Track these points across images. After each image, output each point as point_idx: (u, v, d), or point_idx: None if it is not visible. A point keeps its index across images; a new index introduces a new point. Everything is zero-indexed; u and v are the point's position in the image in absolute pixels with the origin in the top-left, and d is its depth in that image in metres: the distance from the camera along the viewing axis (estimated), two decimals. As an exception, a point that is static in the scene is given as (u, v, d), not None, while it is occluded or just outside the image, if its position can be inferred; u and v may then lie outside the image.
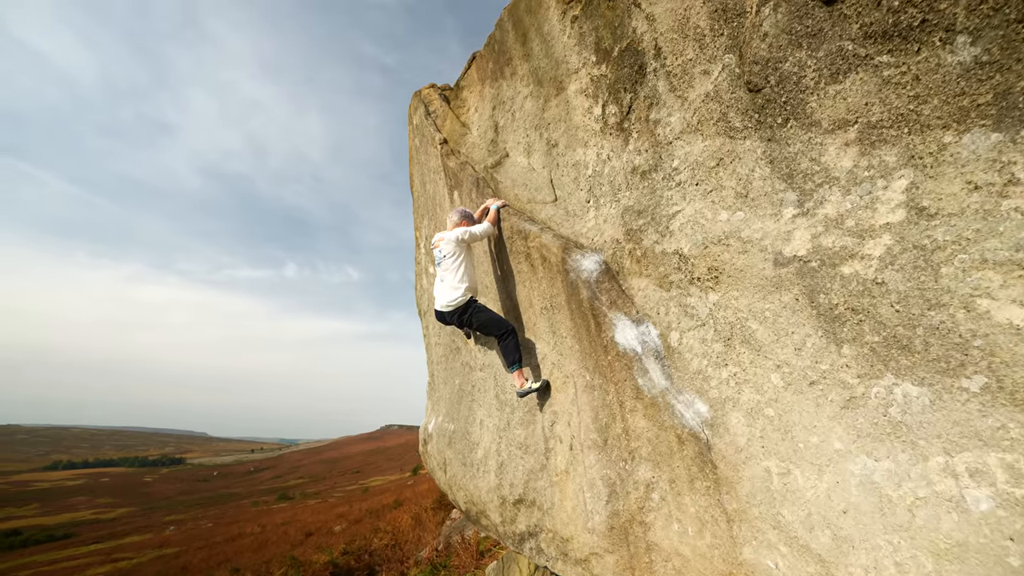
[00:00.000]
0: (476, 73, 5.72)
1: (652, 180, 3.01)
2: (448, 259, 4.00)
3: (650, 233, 2.90)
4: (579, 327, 3.35)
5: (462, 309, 3.92)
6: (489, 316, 3.95)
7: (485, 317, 3.93)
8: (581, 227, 3.63)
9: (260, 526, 23.63)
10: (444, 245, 4.07)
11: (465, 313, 3.92)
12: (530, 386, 3.74)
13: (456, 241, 4.00)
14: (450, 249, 4.00)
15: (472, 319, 3.92)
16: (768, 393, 2.16)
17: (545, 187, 4.22)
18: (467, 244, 4.05)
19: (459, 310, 3.92)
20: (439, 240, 4.19)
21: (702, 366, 2.49)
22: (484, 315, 3.94)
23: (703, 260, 2.51)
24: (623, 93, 3.25)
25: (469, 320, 3.93)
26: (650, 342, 2.80)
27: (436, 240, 4.24)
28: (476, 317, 3.92)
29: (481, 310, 3.96)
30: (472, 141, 5.55)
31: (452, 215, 4.34)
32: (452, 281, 3.96)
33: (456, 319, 3.95)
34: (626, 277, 3.08)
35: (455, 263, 3.97)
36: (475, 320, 3.92)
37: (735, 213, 2.39)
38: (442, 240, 4.13)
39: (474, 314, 3.92)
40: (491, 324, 3.91)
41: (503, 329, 3.88)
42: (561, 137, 3.99)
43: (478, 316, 3.92)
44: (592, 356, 3.21)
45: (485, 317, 3.93)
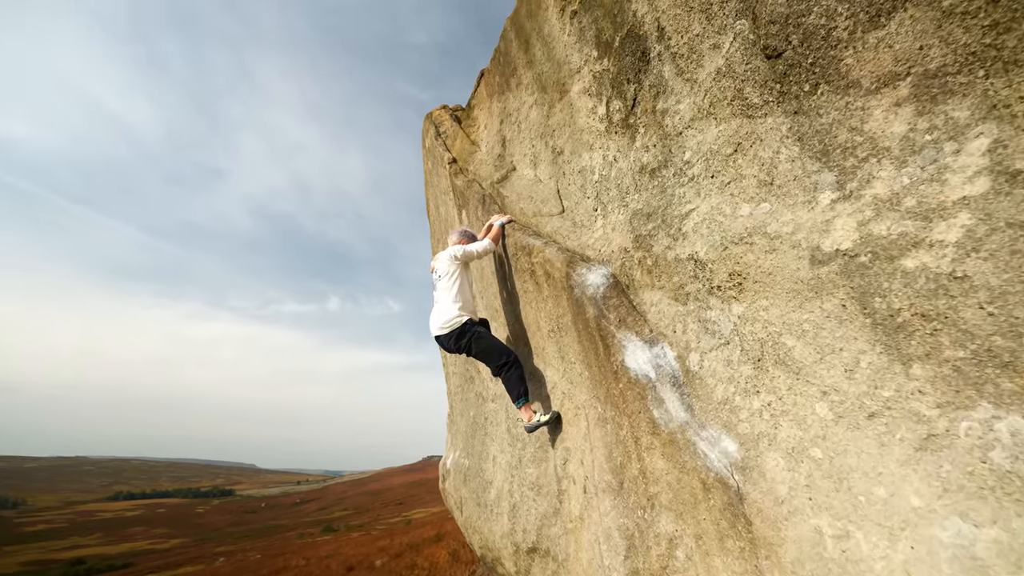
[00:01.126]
0: (485, 89, 5.52)
1: (662, 178, 2.61)
2: (443, 279, 3.67)
3: (661, 238, 2.48)
4: (587, 351, 2.93)
5: (458, 333, 3.53)
6: (490, 343, 3.55)
7: (485, 344, 3.53)
8: (588, 238, 3.24)
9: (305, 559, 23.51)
10: (439, 264, 3.76)
11: (463, 337, 3.52)
12: (538, 419, 3.31)
13: (450, 259, 3.67)
14: (444, 268, 3.68)
15: (471, 345, 3.52)
16: (813, 428, 1.67)
17: (551, 198, 3.87)
18: (463, 263, 3.72)
19: (455, 334, 3.53)
20: (435, 261, 3.89)
21: (728, 394, 2.02)
22: (484, 341, 3.54)
23: (723, 264, 2.07)
24: (627, 85, 2.89)
25: (468, 346, 3.52)
26: (665, 366, 2.35)
27: (432, 262, 3.95)
28: (476, 343, 3.52)
29: (481, 336, 3.56)
30: (480, 158, 5.31)
31: (452, 235, 4.06)
32: (446, 302, 3.61)
33: (454, 344, 3.57)
34: (636, 291, 2.66)
35: (450, 282, 3.63)
36: (474, 347, 3.52)
37: (759, 205, 1.96)
38: (437, 259, 3.83)
39: (473, 340, 3.52)
40: (491, 352, 3.50)
41: (504, 359, 3.46)
42: (566, 143, 3.66)
43: (478, 342, 3.52)
44: (603, 384, 2.77)
45: (485, 344, 3.53)
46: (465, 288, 3.67)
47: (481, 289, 4.96)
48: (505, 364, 3.45)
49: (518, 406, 3.42)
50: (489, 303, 4.76)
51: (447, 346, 3.67)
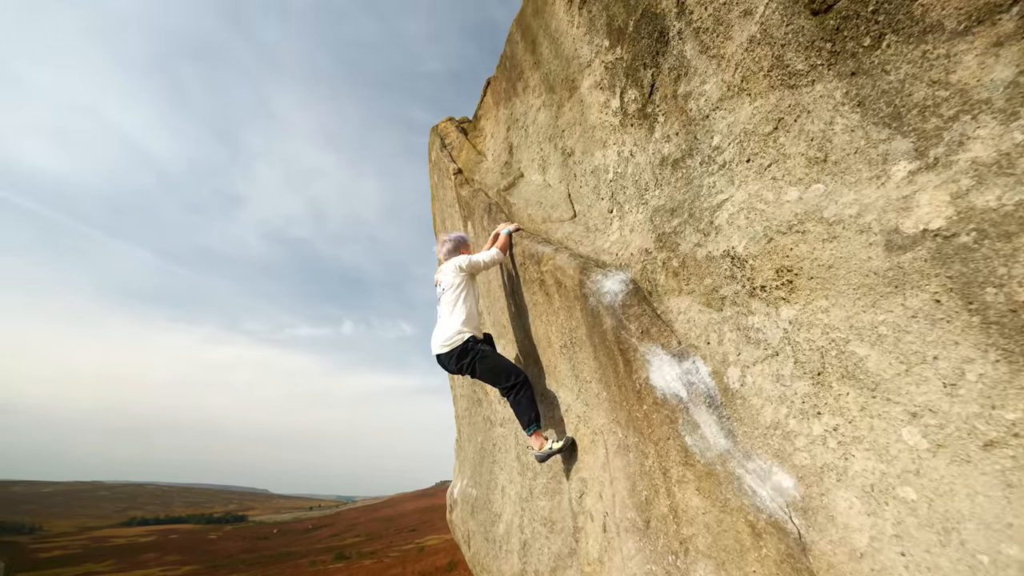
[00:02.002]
0: (491, 98, 5.32)
1: (687, 168, 2.30)
2: (447, 292, 3.34)
3: (688, 234, 2.16)
4: (604, 367, 2.58)
5: (460, 351, 3.18)
6: (496, 362, 3.19)
7: (491, 363, 3.16)
8: (603, 242, 2.93)
9: (317, 587, 22.87)
10: (443, 277, 3.44)
11: (465, 356, 3.17)
12: (551, 447, 2.94)
13: (455, 270, 3.35)
14: (448, 280, 3.36)
15: (475, 365, 3.16)
16: (900, 461, 1.31)
17: (562, 203, 3.58)
18: (468, 274, 3.39)
19: (456, 352, 3.19)
20: (438, 273, 3.58)
21: (779, 417, 1.66)
22: (489, 361, 3.17)
23: (767, 260, 1.74)
24: (643, 71, 2.61)
25: (471, 366, 3.17)
26: (699, 384, 1.99)
27: (436, 275, 3.63)
28: (480, 363, 3.16)
29: (486, 355, 3.19)
30: (486, 167, 5.07)
31: (445, 242, 3.72)
32: (447, 318, 3.29)
33: (455, 364, 3.22)
34: (661, 297, 2.32)
35: (454, 295, 3.30)
36: (479, 367, 3.16)
37: (809, 187, 1.63)
38: (441, 271, 3.52)
39: (477, 360, 3.16)
40: (498, 372, 3.14)
41: (512, 379, 3.10)
42: (577, 143, 3.38)
43: (482, 362, 3.16)
44: (623, 406, 2.42)
45: (491, 363, 3.16)
46: (470, 302, 3.34)
47: (488, 304, 4.65)
48: (514, 386, 3.10)
49: (529, 433, 3.06)
50: (496, 319, 4.44)
51: (448, 366, 3.32)
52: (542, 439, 3.00)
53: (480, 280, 4.75)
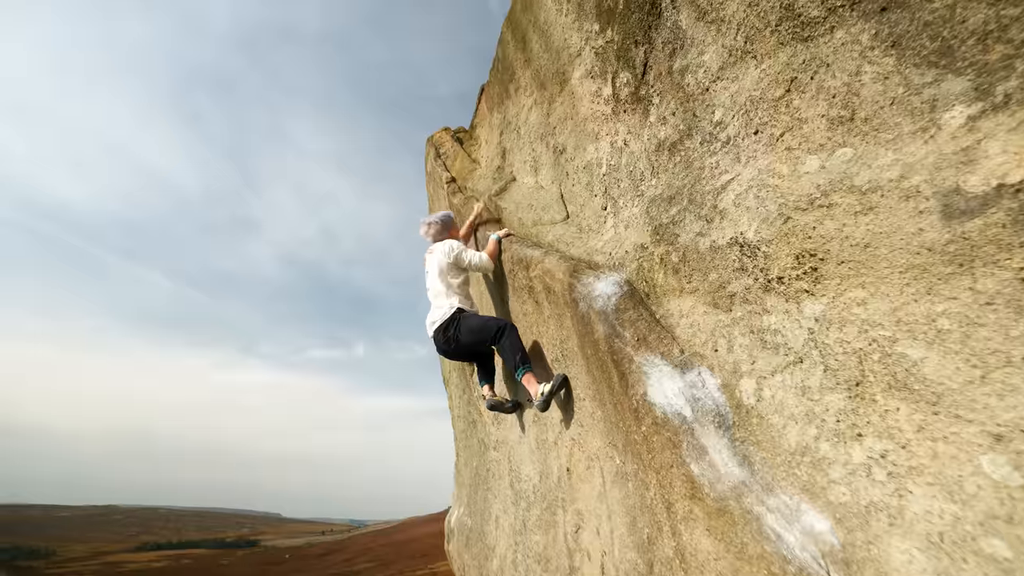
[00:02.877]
0: (485, 104, 5.12)
1: (686, 151, 2.01)
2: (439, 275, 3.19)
3: (689, 223, 1.85)
4: (598, 382, 2.25)
5: (447, 322, 3.01)
6: (478, 319, 3.02)
7: (473, 322, 2.99)
8: (596, 242, 2.63)
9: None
10: (432, 259, 3.31)
11: (451, 326, 3.00)
12: (543, 390, 2.59)
13: (447, 252, 3.21)
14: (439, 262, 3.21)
15: (459, 330, 2.98)
16: (983, 501, 0.96)
17: (554, 204, 3.30)
18: (454, 263, 3.21)
19: (445, 324, 3.02)
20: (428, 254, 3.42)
21: (807, 440, 1.32)
22: (471, 320, 3.01)
23: (784, 244, 1.42)
24: (635, 50, 2.35)
25: (456, 336, 2.98)
26: (706, 399, 1.66)
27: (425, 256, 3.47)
28: (464, 324, 2.98)
29: (467, 316, 3.04)
30: (480, 174, 4.83)
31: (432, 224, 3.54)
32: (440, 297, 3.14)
33: (443, 336, 3.04)
34: (660, 299, 2.00)
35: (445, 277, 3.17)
36: (462, 331, 2.97)
37: (833, 153, 1.32)
38: (431, 252, 3.37)
39: (461, 322, 2.99)
40: (480, 328, 2.94)
41: (495, 327, 2.88)
42: (569, 139, 3.12)
43: (466, 323, 2.99)
44: (620, 427, 2.08)
45: (473, 322, 2.99)
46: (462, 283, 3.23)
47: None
48: (498, 332, 2.86)
49: (519, 376, 2.76)
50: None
51: (440, 344, 3.16)
52: (535, 384, 2.69)
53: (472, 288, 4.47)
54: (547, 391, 2.56)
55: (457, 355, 3.29)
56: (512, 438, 3.50)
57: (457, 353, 3.22)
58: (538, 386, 2.64)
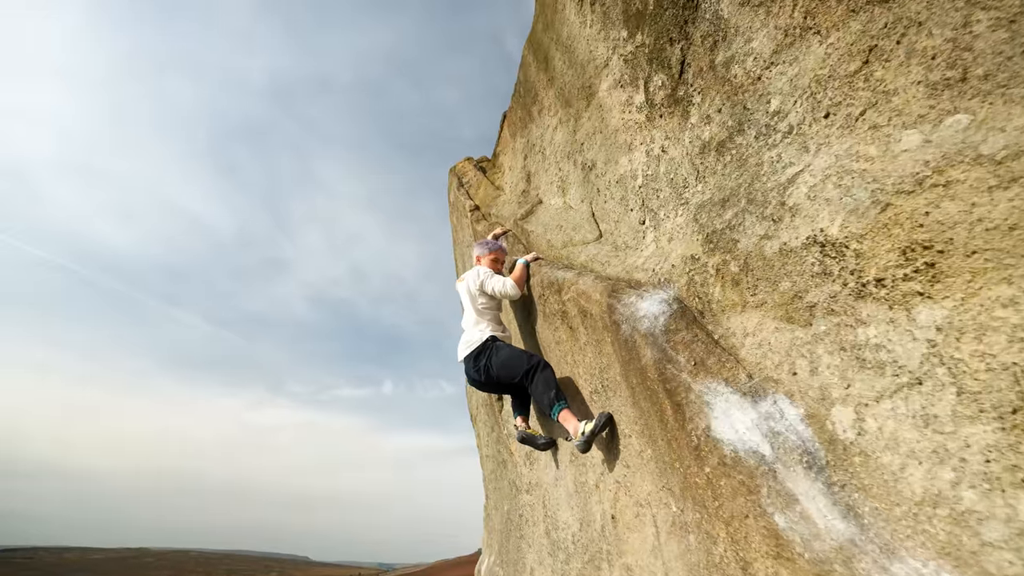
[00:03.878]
0: (508, 131, 5.05)
1: (737, 148, 1.78)
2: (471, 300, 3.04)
3: (750, 225, 1.59)
4: (647, 416, 1.96)
5: (478, 351, 2.83)
6: (510, 352, 2.80)
7: (504, 354, 2.78)
8: (636, 259, 2.39)
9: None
10: (461, 286, 3.20)
11: (482, 355, 2.81)
12: (583, 430, 2.27)
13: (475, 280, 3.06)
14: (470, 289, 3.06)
15: (491, 361, 2.78)
16: None
17: (585, 223, 3.09)
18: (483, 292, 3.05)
19: (475, 353, 2.84)
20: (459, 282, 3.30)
21: (942, 486, 1.01)
22: (503, 352, 2.80)
23: (884, 238, 1.15)
24: (670, 49, 2.17)
25: (487, 367, 2.78)
26: (787, 434, 1.36)
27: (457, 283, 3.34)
28: (495, 357, 2.78)
29: (500, 348, 2.83)
30: (504, 200, 4.69)
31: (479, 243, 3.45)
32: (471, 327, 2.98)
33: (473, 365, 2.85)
34: (717, 317, 1.73)
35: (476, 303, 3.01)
36: (494, 363, 2.77)
37: (941, 123, 1.08)
38: (461, 283, 3.25)
39: (493, 354, 2.79)
40: (512, 362, 2.72)
41: (527, 363, 2.66)
42: (598, 153, 2.94)
43: (497, 355, 2.78)
44: (676, 467, 1.77)
45: (504, 354, 2.78)
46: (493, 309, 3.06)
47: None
48: (529, 370, 2.64)
49: (554, 415, 2.47)
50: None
51: (471, 374, 2.95)
52: (575, 421, 2.38)
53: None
54: (588, 431, 2.25)
55: (488, 387, 3.06)
56: (547, 480, 3.18)
57: (487, 385, 2.99)
58: (578, 424, 2.35)
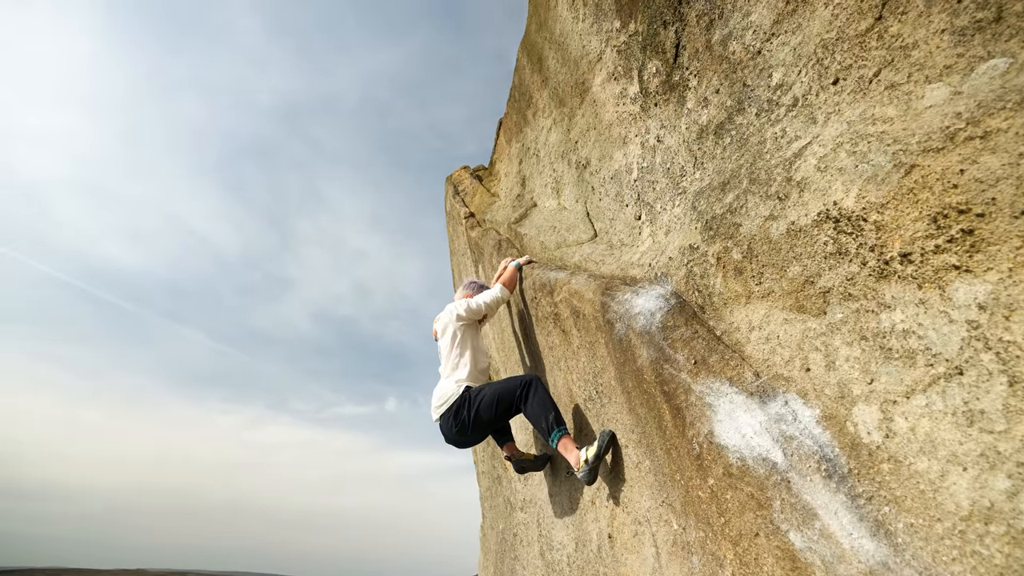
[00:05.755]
0: (503, 137, 4.95)
1: (737, 128, 1.64)
2: (445, 345, 2.70)
3: (753, 206, 1.44)
4: (644, 423, 1.78)
5: (457, 406, 2.47)
6: (494, 387, 2.49)
7: (488, 392, 2.46)
8: (631, 256, 2.23)
9: None
10: (439, 327, 2.83)
11: (463, 408, 2.46)
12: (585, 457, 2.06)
13: (451, 318, 2.69)
14: (445, 330, 2.71)
15: (476, 409, 2.44)
16: None
17: (580, 223, 2.95)
18: (468, 322, 2.70)
19: (453, 409, 2.47)
20: (436, 323, 2.96)
21: (995, 497, 0.84)
22: (486, 391, 2.48)
23: (910, 205, 1.00)
24: (664, 32, 2.05)
25: (475, 416, 2.43)
26: (801, 438, 1.19)
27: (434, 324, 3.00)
28: (481, 402, 2.44)
29: (481, 390, 2.50)
30: (499, 206, 4.57)
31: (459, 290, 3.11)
32: (444, 377, 2.63)
33: (454, 422, 2.47)
34: (719, 311, 1.57)
35: (452, 348, 2.65)
36: (482, 407, 2.43)
37: (973, 71, 0.93)
38: (438, 320, 2.88)
39: (475, 403, 2.45)
40: (501, 394, 2.43)
41: (519, 388, 2.40)
42: (593, 150, 2.81)
43: (483, 398, 2.45)
44: (677, 479, 1.59)
45: (488, 392, 2.46)
46: (474, 352, 2.67)
47: (503, 357, 3.93)
48: (522, 391, 2.38)
49: (553, 442, 2.22)
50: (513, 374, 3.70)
51: (450, 435, 2.56)
52: (574, 450, 2.16)
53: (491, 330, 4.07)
54: (592, 456, 2.04)
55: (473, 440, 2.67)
56: (541, 497, 2.98)
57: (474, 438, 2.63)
58: (578, 452, 2.13)
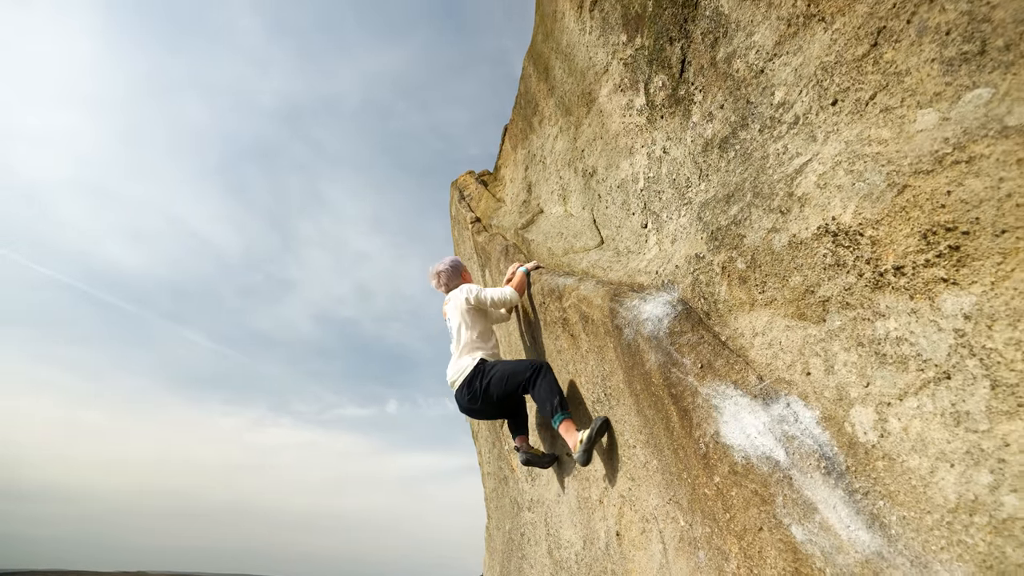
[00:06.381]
0: (509, 143, 5.04)
1: (741, 143, 1.73)
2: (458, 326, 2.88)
3: (756, 218, 1.52)
4: (652, 424, 1.86)
5: (471, 376, 2.67)
6: (505, 365, 2.68)
7: (500, 370, 2.65)
8: (638, 263, 2.32)
9: None
10: (450, 309, 2.99)
11: (475, 379, 2.65)
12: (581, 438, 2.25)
13: (463, 302, 2.88)
14: (457, 313, 2.89)
15: (489, 382, 2.63)
16: None
17: (586, 230, 3.03)
18: (475, 308, 2.89)
19: (468, 379, 2.68)
20: (445, 305, 3.11)
21: (979, 491, 0.92)
22: (499, 367, 2.67)
23: (902, 223, 1.08)
24: (670, 48, 2.14)
25: (484, 388, 2.63)
26: (803, 437, 1.27)
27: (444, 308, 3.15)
28: (493, 377, 2.63)
29: (494, 366, 2.70)
30: (504, 211, 4.66)
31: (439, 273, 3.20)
32: (458, 353, 2.82)
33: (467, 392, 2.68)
34: (724, 317, 1.65)
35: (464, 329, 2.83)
36: (492, 382, 2.62)
37: (959, 99, 1.01)
38: (448, 303, 3.05)
39: (488, 376, 2.65)
40: (512, 374, 2.60)
41: (530, 370, 2.55)
42: (599, 159, 2.90)
43: (491, 373, 2.64)
44: (684, 478, 1.67)
45: (500, 370, 2.65)
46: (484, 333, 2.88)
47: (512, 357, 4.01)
48: (532, 374, 2.53)
49: (556, 423, 2.39)
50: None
51: (463, 402, 2.77)
52: (574, 432, 2.31)
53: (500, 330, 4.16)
54: (586, 438, 2.20)
55: (485, 412, 2.88)
56: (549, 497, 3.05)
57: (485, 410, 2.82)
58: (577, 435, 2.28)
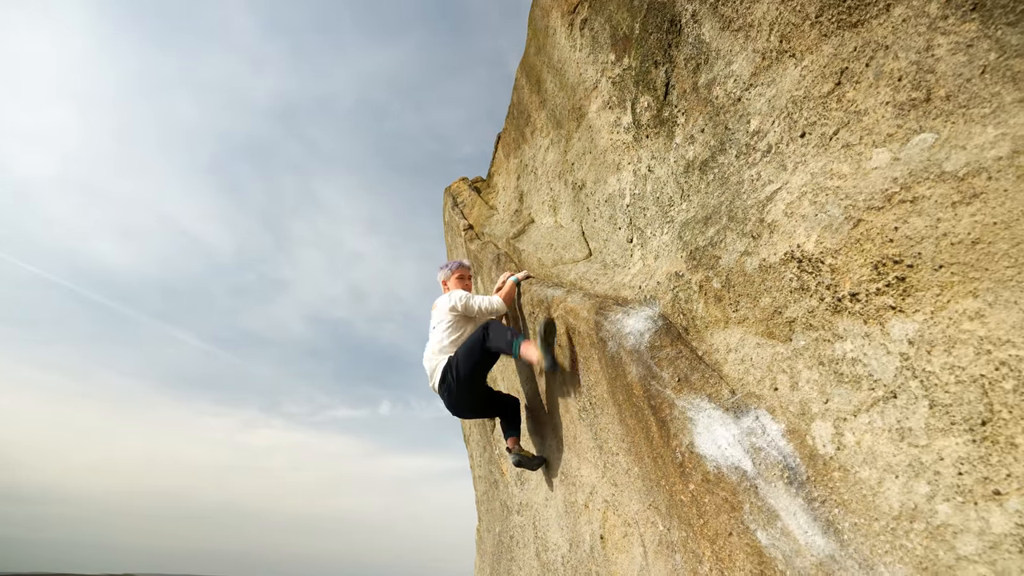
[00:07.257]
0: (502, 151, 5.13)
1: (719, 167, 1.82)
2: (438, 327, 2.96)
3: (731, 241, 1.62)
4: (633, 433, 1.95)
5: (444, 370, 2.79)
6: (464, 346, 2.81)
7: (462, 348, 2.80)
8: (623, 277, 2.41)
9: None
10: (436, 313, 3.07)
11: (448, 374, 2.77)
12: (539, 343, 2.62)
13: (448, 308, 2.94)
14: (440, 317, 2.97)
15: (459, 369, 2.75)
16: None
17: (575, 242, 3.12)
18: (463, 315, 2.95)
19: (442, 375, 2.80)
20: (433, 308, 3.18)
21: (918, 500, 1.01)
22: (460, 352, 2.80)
23: (857, 254, 1.17)
24: (655, 71, 2.23)
25: (456, 373, 2.74)
26: (769, 449, 1.36)
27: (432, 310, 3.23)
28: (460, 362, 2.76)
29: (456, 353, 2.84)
30: (497, 219, 4.74)
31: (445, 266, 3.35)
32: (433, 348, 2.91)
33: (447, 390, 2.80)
34: (701, 333, 1.74)
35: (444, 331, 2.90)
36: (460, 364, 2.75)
37: (908, 141, 1.11)
38: (435, 307, 3.12)
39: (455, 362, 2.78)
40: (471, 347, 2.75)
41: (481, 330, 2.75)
42: (588, 173, 2.99)
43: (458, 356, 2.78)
44: (663, 485, 1.76)
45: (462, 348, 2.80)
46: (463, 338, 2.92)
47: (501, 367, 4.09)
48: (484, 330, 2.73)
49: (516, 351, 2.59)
50: (511, 384, 3.85)
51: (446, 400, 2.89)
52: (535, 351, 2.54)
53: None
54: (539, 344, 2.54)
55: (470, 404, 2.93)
56: (537, 500, 3.13)
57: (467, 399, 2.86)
58: (536, 351, 2.52)
